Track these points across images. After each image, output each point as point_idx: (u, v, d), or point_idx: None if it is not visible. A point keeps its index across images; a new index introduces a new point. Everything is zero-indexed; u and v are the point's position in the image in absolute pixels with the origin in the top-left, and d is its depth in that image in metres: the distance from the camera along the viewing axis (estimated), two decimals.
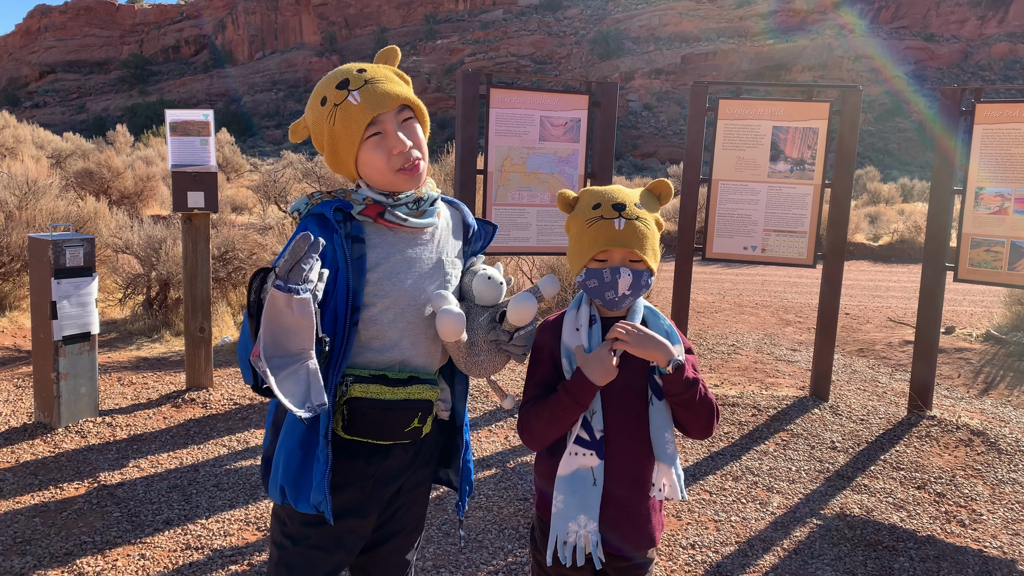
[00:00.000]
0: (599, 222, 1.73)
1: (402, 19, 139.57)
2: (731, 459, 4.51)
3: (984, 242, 5.04)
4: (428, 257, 1.80)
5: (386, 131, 1.68)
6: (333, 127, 1.68)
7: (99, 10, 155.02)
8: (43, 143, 21.73)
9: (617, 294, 1.74)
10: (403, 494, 1.88)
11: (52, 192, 9.13)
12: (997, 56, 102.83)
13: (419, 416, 1.75)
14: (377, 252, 1.73)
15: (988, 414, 5.57)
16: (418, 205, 1.77)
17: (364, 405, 1.70)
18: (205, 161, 5.17)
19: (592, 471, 1.76)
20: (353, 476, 1.75)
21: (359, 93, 1.65)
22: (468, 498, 1.99)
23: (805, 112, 5.41)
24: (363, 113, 1.65)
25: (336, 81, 1.68)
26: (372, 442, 1.74)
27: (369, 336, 1.73)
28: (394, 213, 1.73)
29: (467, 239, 1.94)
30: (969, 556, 3.50)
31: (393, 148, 1.68)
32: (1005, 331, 8.02)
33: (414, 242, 1.78)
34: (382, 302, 1.72)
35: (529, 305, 1.73)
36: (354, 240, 1.70)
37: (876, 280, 13.05)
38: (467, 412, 1.99)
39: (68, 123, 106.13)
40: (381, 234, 1.75)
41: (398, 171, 1.70)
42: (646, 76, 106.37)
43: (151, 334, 7.23)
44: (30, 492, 3.78)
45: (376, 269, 1.72)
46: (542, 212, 5.28)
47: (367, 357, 1.73)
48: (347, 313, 1.67)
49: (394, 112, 1.68)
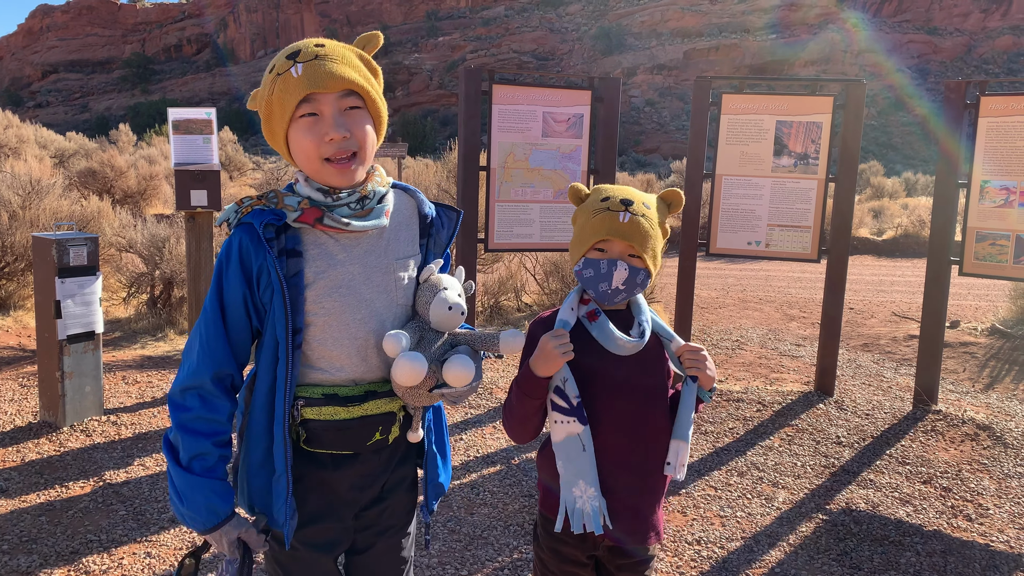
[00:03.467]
0: (604, 213, 1.75)
1: (404, 16, 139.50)
2: (736, 455, 4.50)
3: (989, 235, 5.02)
4: (374, 263, 1.65)
5: (322, 113, 1.53)
6: (271, 97, 1.54)
7: (101, 9, 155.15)
8: (46, 143, 21.76)
9: (611, 286, 1.75)
10: (387, 494, 1.78)
11: (55, 191, 9.14)
12: (1001, 49, 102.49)
13: (380, 429, 1.65)
14: (316, 265, 1.59)
15: (994, 408, 5.56)
16: (362, 204, 1.61)
17: (318, 427, 1.61)
18: (208, 159, 5.17)
19: (579, 437, 1.75)
20: (322, 484, 1.67)
21: (303, 66, 1.50)
22: (435, 500, 1.85)
23: (809, 106, 5.39)
24: (298, 88, 1.50)
25: (291, 51, 1.54)
26: (337, 453, 1.66)
27: (315, 356, 1.61)
28: (333, 217, 1.57)
29: (425, 231, 1.76)
30: (976, 550, 3.49)
31: (325, 134, 1.52)
32: (1010, 325, 7.99)
33: (358, 247, 1.63)
34: (323, 320, 1.59)
35: (464, 370, 1.59)
36: (289, 255, 1.56)
37: (880, 275, 13.02)
38: (433, 409, 1.85)
39: (71, 123, 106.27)
40: (320, 243, 1.60)
41: (325, 161, 1.55)
42: (648, 72, 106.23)
43: (155, 333, 7.24)
44: (36, 491, 3.79)
45: (315, 285, 1.59)
46: (545, 208, 5.27)
47: (315, 376, 1.62)
48: (287, 336, 1.55)
49: (335, 95, 1.52)
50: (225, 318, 1.59)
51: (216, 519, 1.56)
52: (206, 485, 1.55)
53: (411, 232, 1.73)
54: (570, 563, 1.86)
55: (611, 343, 1.76)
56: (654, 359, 1.82)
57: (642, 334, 1.78)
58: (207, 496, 1.54)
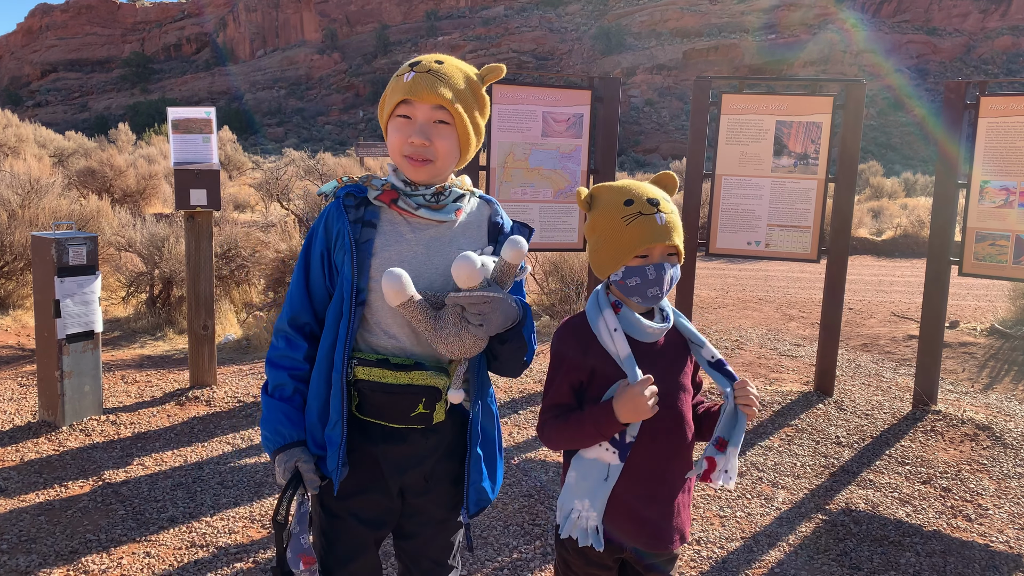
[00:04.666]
0: (640, 218, 1.72)
1: (403, 16, 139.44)
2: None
3: (989, 236, 5.02)
4: (437, 249, 1.82)
5: (414, 117, 1.76)
6: (386, 91, 1.82)
7: (100, 8, 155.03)
8: (45, 142, 21.75)
9: (662, 290, 1.75)
10: (433, 484, 1.89)
11: (55, 191, 9.13)
12: (1000, 50, 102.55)
13: (424, 402, 1.76)
14: (385, 238, 1.80)
15: (993, 408, 5.56)
16: (437, 199, 1.81)
17: (367, 387, 1.76)
18: (207, 159, 5.16)
19: (609, 468, 1.75)
20: (371, 457, 1.83)
21: (414, 75, 1.74)
22: (475, 506, 1.91)
23: (808, 106, 5.39)
24: (401, 91, 1.74)
25: (416, 60, 1.80)
26: (386, 425, 1.80)
27: (373, 321, 1.80)
28: (406, 201, 1.79)
29: (494, 237, 1.92)
30: (975, 551, 3.49)
31: (409, 136, 1.75)
32: (1010, 325, 8.00)
33: (426, 232, 1.82)
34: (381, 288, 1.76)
35: (465, 263, 1.65)
36: (365, 224, 1.80)
37: (880, 275, 13.03)
38: (484, 409, 1.91)
39: (70, 122, 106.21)
40: (394, 222, 1.82)
41: (405, 157, 1.77)
42: (648, 72, 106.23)
43: (154, 332, 7.24)
44: (35, 490, 3.79)
45: (381, 254, 1.79)
46: (545, 208, 5.27)
47: (372, 341, 1.81)
48: (352, 293, 1.76)
49: (429, 107, 1.74)
50: (308, 272, 1.85)
51: (281, 440, 1.77)
52: (280, 409, 1.80)
53: (479, 233, 1.90)
54: (596, 566, 1.85)
55: (639, 331, 1.77)
56: (683, 361, 1.84)
57: (665, 318, 1.82)
58: (278, 419, 1.78)
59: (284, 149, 48.19)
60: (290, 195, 14.51)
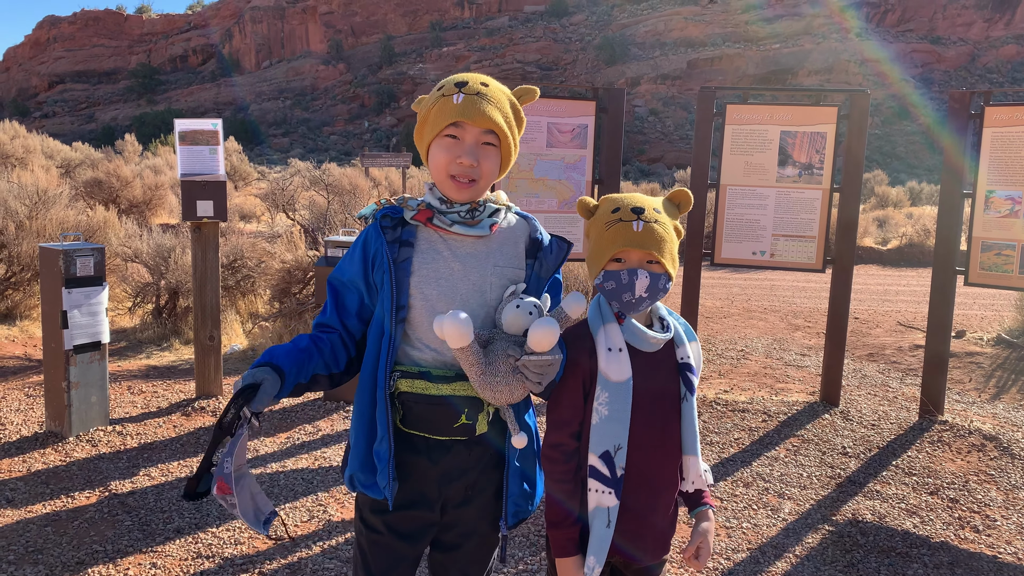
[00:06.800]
0: (618, 224, 1.76)
1: (408, 27, 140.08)
2: (742, 465, 4.49)
3: (994, 246, 5.01)
4: (474, 264, 1.86)
5: (463, 139, 1.79)
6: (431, 109, 1.82)
7: (107, 20, 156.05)
8: (52, 153, 21.86)
9: (634, 296, 1.75)
10: (474, 495, 1.89)
11: (62, 202, 9.18)
12: (1004, 58, 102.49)
13: (466, 413, 1.80)
14: (423, 256, 1.84)
15: (1000, 419, 5.53)
16: (472, 215, 1.85)
17: (410, 399, 1.81)
18: (214, 170, 5.19)
19: (608, 512, 1.74)
20: (417, 470, 1.85)
21: (464, 97, 1.77)
22: (513, 518, 1.91)
23: (813, 116, 5.40)
24: (453, 112, 1.77)
25: (460, 80, 1.83)
26: (431, 437, 1.83)
27: (414, 336, 1.84)
28: (441, 219, 1.83)
29: (533, 253, 1.93)
30: (983, 562, 3.47)
31: (458, 156, 1.78)
32: (1016, 335, 7.97)
33: (462, 247, 1.86)
34: (422, 304, 1.81)
35: (549, 329, 1.65)
36: (403, 244, 1.84)
37: (885, 284, 13.00)
38: (522, 421, 1.91)
39: (77, 133, 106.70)
40: (430, 240, 1.86)
41: (451, 177, 1.80)
42: (652, 81, 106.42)
43: (160, 343, 7.26)
44: (41, 501, 3.80)
45: (419, 272, 1.83)
46: (550, 218, 5.28)
47: (413, 355, 1.84)
48: (392, 310, 1.81)
49: (480, 130, 1.78)
50: (340, 286, 1.91)
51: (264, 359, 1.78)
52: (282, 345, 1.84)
53: (517, 250, 1.92)
54: None
55: (640, 341, 1.78)
56: (671, 368, 1.84)
57: (666, 328, 1.83)
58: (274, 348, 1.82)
59: (289, 159, 48.36)
60: (296, 205, 14.57)
